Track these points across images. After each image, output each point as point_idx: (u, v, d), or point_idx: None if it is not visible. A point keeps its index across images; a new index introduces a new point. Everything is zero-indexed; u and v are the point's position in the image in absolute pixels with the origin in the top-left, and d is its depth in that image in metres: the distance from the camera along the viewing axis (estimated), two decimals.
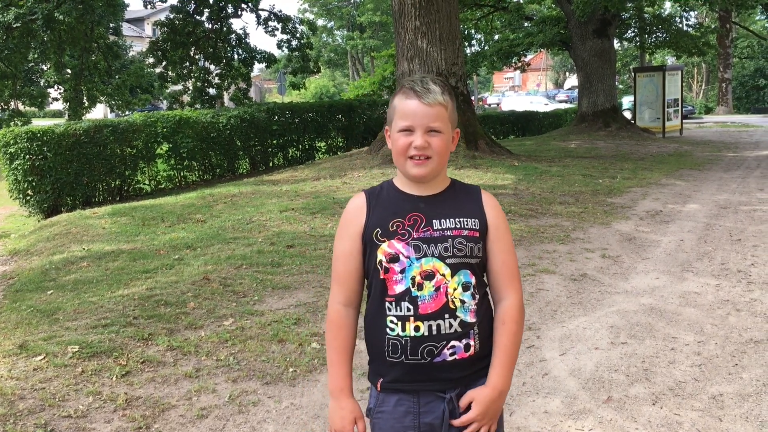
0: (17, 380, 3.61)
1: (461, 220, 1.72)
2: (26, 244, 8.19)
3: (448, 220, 1.71)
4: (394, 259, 1.68)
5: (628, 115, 25.24)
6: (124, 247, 6.97)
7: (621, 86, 43.19)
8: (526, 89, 74.63)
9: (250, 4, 19.63)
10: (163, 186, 13.76)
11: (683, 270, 5.94)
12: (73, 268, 6.29)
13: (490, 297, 1.78)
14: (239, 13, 19.52)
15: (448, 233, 1.70)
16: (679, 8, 28.78)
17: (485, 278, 1.78)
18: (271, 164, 16.31)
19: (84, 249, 7.04)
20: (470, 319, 1.69)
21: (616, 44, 25.23)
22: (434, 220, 1.71)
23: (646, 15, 23.42)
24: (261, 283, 5.44)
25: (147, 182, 13.49)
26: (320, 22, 69.17)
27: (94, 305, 4.91)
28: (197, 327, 4.48)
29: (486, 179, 10.73)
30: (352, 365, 1.82)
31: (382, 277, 1.70)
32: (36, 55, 15.01)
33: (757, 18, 47.68)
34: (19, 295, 5.58)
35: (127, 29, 41.18)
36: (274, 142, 16.31)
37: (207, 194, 10.29)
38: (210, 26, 19.32)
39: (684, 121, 23.92)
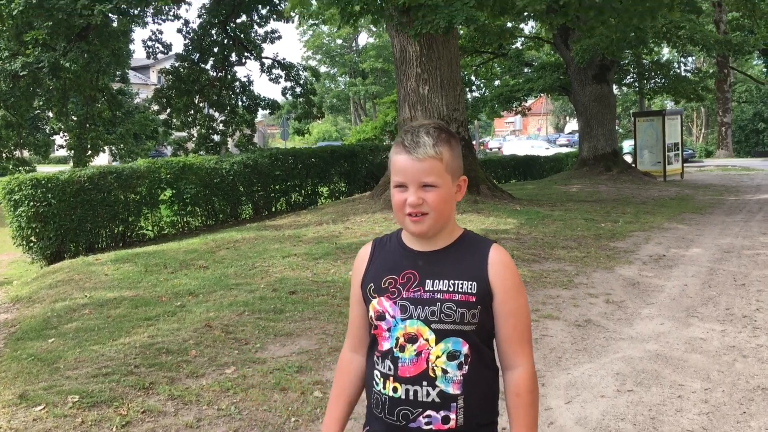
0: (17, 431, 3.57)
1: (456, 282, 1.61)
2: (28, 291, 8.18)
3: (442, 282, 1.62)
4: (381, 317, 1.64)
5: (629, 159, 25.38)
6: (127, 294, 6.95)
7: (621, 130, 43.51)
8: (527, 133, 75.20)
9: (253, 53, 19.93)
10: (166, 232, 13.77)
11: (688, 315, 5.91)
12: (75, 315, 6.27)
13: (498, 363, 1.68)
14: (243, 61, 19.83)
15: (438, 296, 1.60)
16: (676, 54, 29.16)
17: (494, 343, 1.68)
18: (273, 209, 16.35)
19: (86, 296, 7.02)
20: (452, 390, 1.58)
21: (616, 89, 25.49)
22: (428, 280, 1.63)
23: (645, 61, 23.73)
24: (263, 330, 5.41)
25: (150, 228, 13.51)
26: (323, 69, 70.17)
27: (95, 353, 4.88)
28: (199, 375, 4.44)
29: (488, 224, 10.74)
30: (348, 411, 1.78)
31: (373, 332, 1.67)
32: (41, 103, 15.18)
33: (754, 63, 48.28)
34: (20, 344, 5.55)
35: (133, 77, 41.75)
36: (277, 187, 16.38)
37: (210, 240, 10.30)
38: (214, 74, 19.60)
39: (685, 164, 24.04)
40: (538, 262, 8.08)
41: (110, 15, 13.75)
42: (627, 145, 32.94)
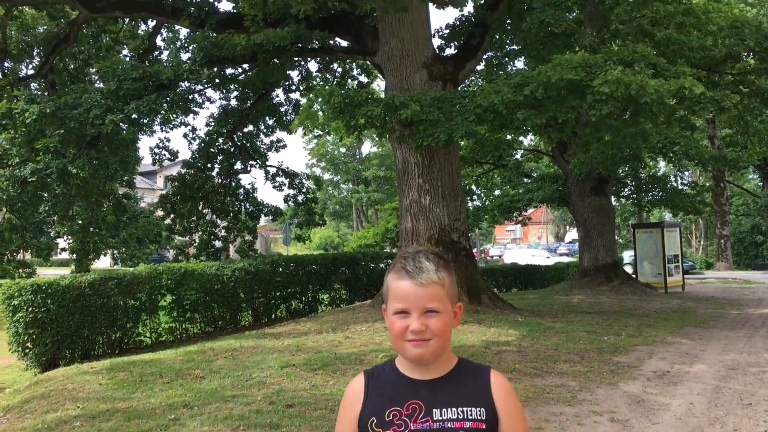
0: None
1: (465, 410, 1.60)
2: (20, 400, 8.01)
3: (450, 410, 1.60)
4: None
5: (629, 269, 25.43)
6: (120, 405, 6.80)
7: (621, 240, 43.76)
8: (528, 242, 75.65)
9: (258, 161, 20.38)
10: (164, 338, 13.63)
11: None
12: (65, 428, 6.11)
13: None
14: (248, 168, 20.24)
15: (449, 425, 1.59)
16: (673, 168, 29.78)
17: None
18: (273, 316, 16.24)
19: (79, 407, 6.87)
20: None
21: (614, 201, 25.87)
22: (434, 410, 1.60)
23: (642, 175, 24.21)
24: None
25: (148, 335, 13.39)
26: (327, 176, 71.54)
27: None
28: None
29: (489, 335, 10.63)
30: None
31: None
32: (47, 208, 15.40)
33: (750, 177, 49.18)
34: None
35: (139, 181, 42.46)
36: (278, 294, 16.34)
37: (207, 348, 10.17)
38: (219, 181, 19.95)
39: (685, 276, 24.04)
40: (541, 377, 7.94)
41: (121, 124, 14.14)
42: (627, 255, 33.07)
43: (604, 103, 9.90)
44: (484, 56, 16.24)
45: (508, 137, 21.38)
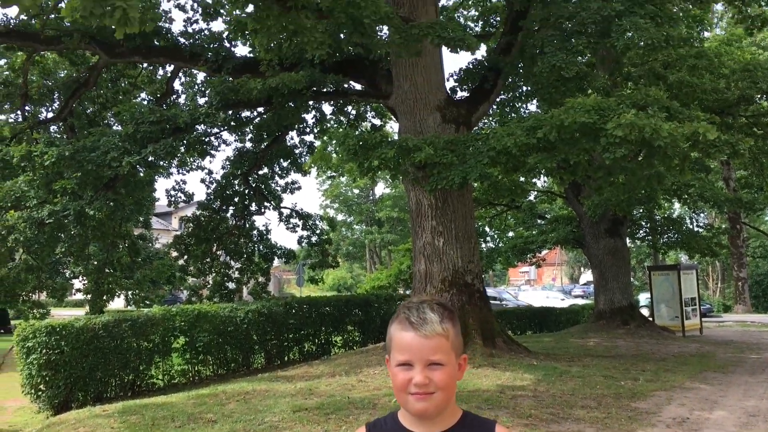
0: None
1: None
2: None
3: None
4: None
5: (645, 312, 25.13)
6: None
7: (637, 282, 43.40)
8: (542, 283, 75.15)
9: (273, 203, 20.51)
10: (176, 381, 13.58)
11: None
12: None
13: None
14: (263, 210, 20.36)
15: None
16: (688, 210, 29.65)
17: None
18: (286, 358, 16.16)
19: None
20: None
21: (629, 243, 25.72)
22: None
23: (657, 216, 24.10)
24: None
25: (161, 377, 13.34)
26: (340, 217, 71.77)
27: None
28: None
29: (504, 379, 10.50)
30: None
31: None
32: (63, 249, 15.54)
33: (766, 218, 48.83)
34: None
35: (155, 222, 42.74)
36: (290, 336, 16.28)
37: (220, 391, 10.11)
38: (234, 222, 20.07)
39: (703, 319, 23.73)
40: (557, 422, 7.81)
41: (138, 166, 14.32)
42: (643, 297, 32.72)
43: (617, 146, 9.91)
44: (497, 98, 16.39)
45: (522, 179, 21.46)
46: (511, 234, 28.85)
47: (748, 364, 14.26)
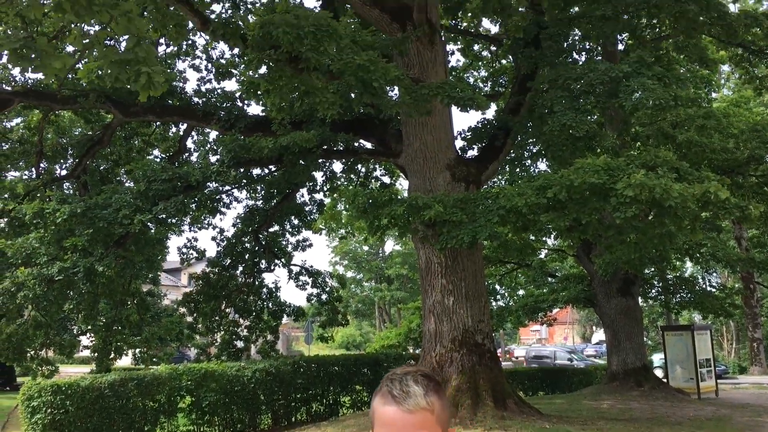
0: None
1: None
2: None
3: None
4: None
5: (659, 372, 24.69)
6: None
7: (650, 342, 42.75)
8: (553, 342, 74.14)
9: (283, 260, 20.48)
10: None
11: None
12: None
13: None
14: (272, 268, 20.32)
15: None
16: (700, 269, 29.41)
17: None
18: (293, 419, 15.88)
19: None
20: None
21: (642, 302, 25.43)
22: None
23: (669, 276, 23.88)
24: None
25: None
26: (350, 274, 71.55)
27: None
28: None
29: None
30: None
31: None
32: (72, 306, 15.52)
33: None
34: None
35: (164, 278, 42.70)
36: (298, 396, 16.04)
37: None
38: (243, 280, 20.01)
39: (718, 381, 23.25)
40: None
41: (149, 224, 14.39)
42: (657, 358, 32.17)
43: (628, 206, 9.89)
44: (507, 157, 16.48)
45: (532, 237, 21.40)
46: (521, 292, 28.60)
47: (765, 429, 13.89)
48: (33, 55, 5.16)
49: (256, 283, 20.15)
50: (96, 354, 17.68)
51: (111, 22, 5.20)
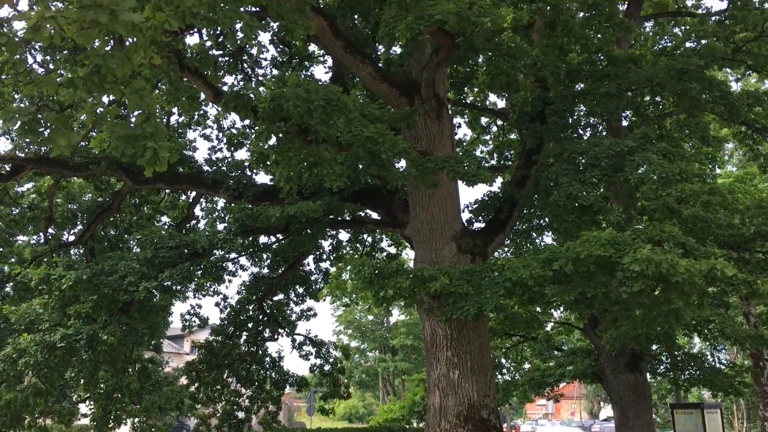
0: None
1: None
2: None
3: None
4: None
5: None
6: None
7: (659, 420, 41.82)
8: (560, 417, 72.59)
9: (286, 329, 20.33)
10: None
11: None
12: None
13: None
14: (276, 337, 20.15)
15: None
16: (709, 345, 29.03)
17: None
18: None
19: None
20: None
21: (650, 378, 25.00)
22: None
23: (676, 352, 23.55)
24: None
25: None
26: (354, 343, 70.80)
27: None
28: None
29: None
30: None
31: None
32: (73, 374, 15.37)
33: None
34: None
35: (166, 345, 42.33)
36: None
37: None
38: (246, 349, 19.82)
39: None
40: None
41: (154, 291, 14.38)
42: None
43: (634, 281, 9.86)
44: (513, 229, 16.53)
45: (538, 310, 21.23)
46: (527, 366, 28.18)
47: None
48: (41, 129, 5.29)
49: (260, 352, 19.95)
50: (95, 423, 17.39)
51: (122, 98, 5.36)
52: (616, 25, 13.75)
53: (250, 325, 19.78)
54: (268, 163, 11.17)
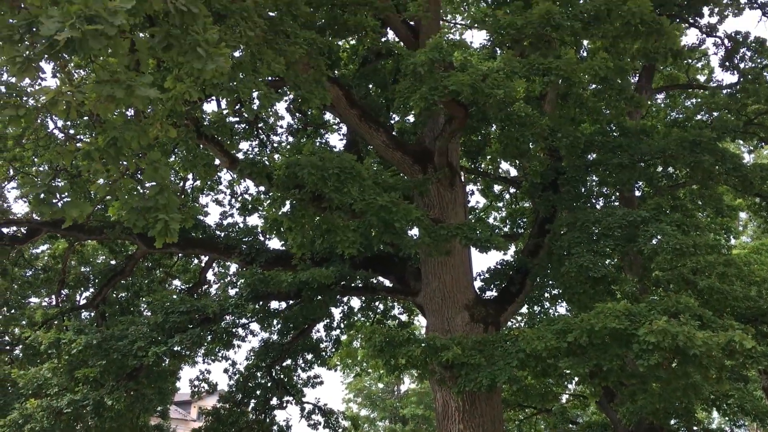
0: None
1: None
2: None
3: None
4: None
5: None
6: None
7: None
8: None
9: (295, 397, 19.99)
10: None
11: None
12: None
13: None
14: (284, 405, 19.80)
15: None
16: (728, 421, 28.26)
17: None
18: None
19: None
20: None
21: None
22: None
23: (695, 428, 22.90)
24: None
25: None
26: (363, 412, 69.42)
27: None
28: None
29: None
30: None
31: None
32: None
33: None
34: None
35: (173, 411, 41.69)
36: None
37: None
38: (254, 416, 19.46)
39: None
40: None
41: (163, 356, 14.25)
42: None
43: (650, 353, 9.67)
44: (526, 298, 16.38)
45: (551, 381, 20.81)
46: None
47: None
48: (55, 201, 5.37)
49: (267, 420, 19.57)
50: None
51: (137, 171, 5.46)
52: (627, 99, 13.90)
53: (258, 392, 19.48)
54: (282, 229, 11.21)
